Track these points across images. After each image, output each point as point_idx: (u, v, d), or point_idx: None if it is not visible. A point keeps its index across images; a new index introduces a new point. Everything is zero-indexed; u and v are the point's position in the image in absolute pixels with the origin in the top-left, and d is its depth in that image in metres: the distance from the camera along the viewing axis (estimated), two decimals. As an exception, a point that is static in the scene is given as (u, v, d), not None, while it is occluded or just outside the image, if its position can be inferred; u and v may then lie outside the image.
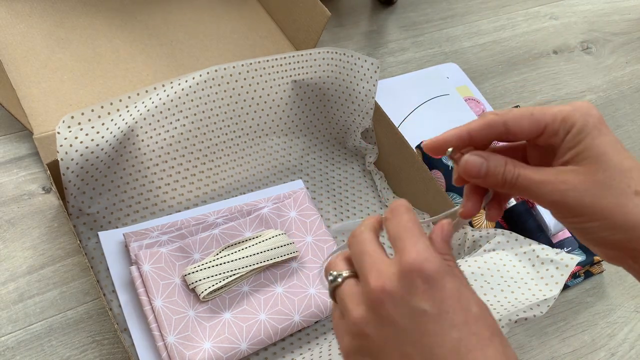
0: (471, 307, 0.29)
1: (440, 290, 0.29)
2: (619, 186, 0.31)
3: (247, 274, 0.57)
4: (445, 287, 0.29)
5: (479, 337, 0.28)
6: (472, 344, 0.28)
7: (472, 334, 0.28)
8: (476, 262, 0.58)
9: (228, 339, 0.53)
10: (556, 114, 0.33)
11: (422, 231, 0.31)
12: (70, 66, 0.70)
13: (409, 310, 0.29)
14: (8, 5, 0.73)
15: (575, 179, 0.31)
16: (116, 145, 0.57)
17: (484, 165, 0.33)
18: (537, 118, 0.33)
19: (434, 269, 0.29)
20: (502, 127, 0.33)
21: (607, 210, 0.31)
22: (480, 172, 0.33)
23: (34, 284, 0.55)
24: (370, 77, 0.69)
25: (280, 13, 0.82)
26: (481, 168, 0.33)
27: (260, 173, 0.68)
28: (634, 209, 0.31)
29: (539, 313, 0.53)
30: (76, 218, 0.58)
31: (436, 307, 0.28)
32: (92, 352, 0.52)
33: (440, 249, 0.32)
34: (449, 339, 0.28)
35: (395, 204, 0.33)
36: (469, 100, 0.86)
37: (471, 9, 1.02)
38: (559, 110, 0.33)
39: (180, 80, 0.61)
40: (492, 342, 0.28)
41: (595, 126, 0.32)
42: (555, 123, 0.32)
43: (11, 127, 0.65)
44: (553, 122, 0.33)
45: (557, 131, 0.33)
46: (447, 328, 0.28)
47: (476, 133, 0.34)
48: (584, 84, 0.95)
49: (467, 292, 0.30)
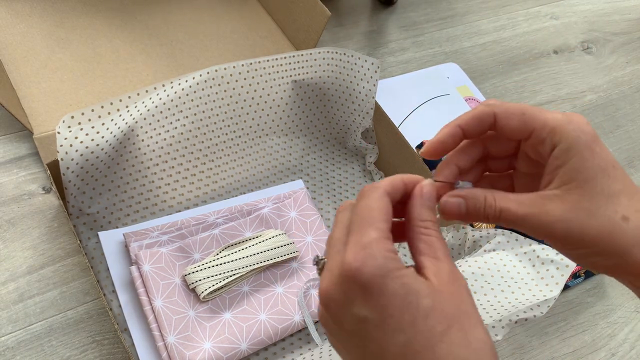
0: (421, 302, 0.27)
1: (380, 295, 0.27)
2: (606, 213, 0.30)
3: (247, 274, 0.57)
4: (386, 291, 0.27)
5: (430, 335, 0.27)
6: (420, 344, 0.27)
7: (420, 334, 0.27)
8: (476, 262, 0.58)
9: (228, 339, 0.53)
10: (546, 121, 0.31)
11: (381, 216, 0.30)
12: (70, 66, 0.70)
13: (351, 317, 0.28)
14: (8, 5, 0.73)
15: (559, 208, 0.30)
16: (116, 145, 0.57)
17: (463, 205, 0.32)
18: (526, 119, 0.32)
19: (371, 274, 0.27)
20: (492, 118, 0.33)
21: (595, 239, 0.30)
22: (460, 212, 0.33)
23: (34, 284, 0.55)
24: (370, 77, 0.69)
25: (280, 13, 0.82)
26: (460, 208, 0.32)
27: (260, 173, 0.68)
28: (622, 235, 0.30)
29: (540, 313, 0.53)
30: (76, 218, 0.58)
31: (377, 313, 0.27)
32: (92, 352, 0.52)
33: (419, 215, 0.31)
34: (394, 343, 0.27)
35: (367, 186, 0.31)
36: (470, 100, 0.86)
37: (471, 8, 1.02)
38: (551, 118, 0.31)
39: (180, 80, 0.61)
40: (446, 336, 0.27)
41: (587, 145, 0.30)
42: (544, 131, 0.31)
43: (11, 127, 0.65)
44: (542, 128, 0.31)
45: (544, 140, 0.31)
46: (391, 333, 0.27)
47: (467, 127, 0.33)
48: (585, 84, 0.95)
49: (415, 286, 0.28)
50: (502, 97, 0.89)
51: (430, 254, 0.30)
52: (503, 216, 0.31)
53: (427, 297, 0.27)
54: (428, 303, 0.27)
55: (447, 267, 0.29)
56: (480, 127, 0.33)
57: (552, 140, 0.31)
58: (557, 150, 0.31)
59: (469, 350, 0.27)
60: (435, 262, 0.29)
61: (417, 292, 0.27)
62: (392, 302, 0.27)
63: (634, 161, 0.86)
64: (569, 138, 0.30)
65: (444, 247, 0.30)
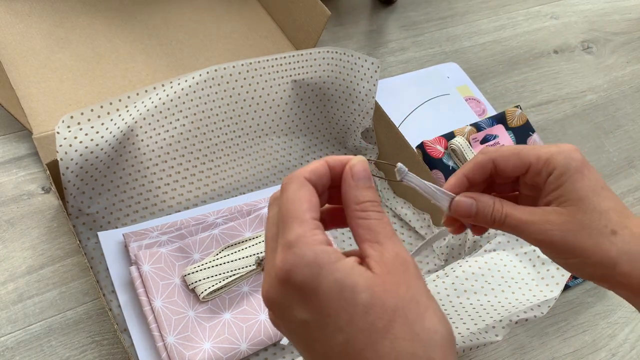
0: (357, 297, 0.26)
1: (315, 296, 0.26)
2: (597, 226, 0.33)
3: (247, 274, 0.57)
4: (320, 290, 0.26)
5: (370, 332, 0.26)
6: (361, 342, 0.26)
7: (360, 332, 0.26)
8: (476, 262, 0.58)
9: (228, 339, 0.52)
10: (540, 155, 0.35)
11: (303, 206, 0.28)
12: (69, 66, 0.70)
13: (292, 320, 0.28)
14: (7, 5, 0.73)
15: (558, 219, 0.34)
16: (116, 145, 0.57)
17: (474, 206, 0.36)
18: (522, 157, 0.36)
19: (302, 276, 0.26)
20: (492, 164, 0.37)
21: (587, 249, 0.33)
22: (470, 212, 0.36)
23: (33, 284, 0.55)
24: (370, 77, 0.69)
25: (280, 13, 0.82)
26: (471, 208, 0.36)
27: (260, 173, 0.68)
28: (611, 247, 0.33)
29: (540, 314, 0.53)
30: (75, 218, 0.58)
31: (315, 314, 0.26)
32: (92, 353, 0.52)
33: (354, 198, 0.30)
34: (335, 343, 0.26)
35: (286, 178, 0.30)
36: (470, 100, 0.86)
37: (471, 8, 1.02)
38: (543, 152, 0.35)
39: (180, 80, 0.61)
40: (389, 331, 0.26)
41: (577, 170, 0.34)
42: (539, 164, 0.35)
43: (10, 127, 0.65)
44: (537, 162, 0.35)
45: (540, 171, 0.35)
46: (330, 333, 0.26)
47: (472, 176, 0.37)
48: (585, 84, 0.95)
49: (349, 280, 0.26)
50: (502, 97, 0.89)
51: (372, 239, 0.28)
52: (507, 221, 0.35)
53: (364, 292, 0.26)
54: (365, 298, 0.26)
55: (390, 251, 0.28)
56: (483, 174, 0.37)
57: (547, 170, 0.35)
58: (552, 177, 0.35)
59: (414, 343, 0.26)
60: (377, 248, 0.28)
61: (353, 287, 0.26)
62: (327, 302, 0.26)
63: (634, 161, 0.86)
64: (561, 165, 0.35)
65: (385, 229, 0.29)
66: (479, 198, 0.36)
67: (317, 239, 0.27)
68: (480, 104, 0.86)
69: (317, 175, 0.30)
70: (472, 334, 0.51)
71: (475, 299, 0.54)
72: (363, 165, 0.30)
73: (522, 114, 0.79)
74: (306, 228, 0.27)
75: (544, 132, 0.86)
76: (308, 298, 0.26)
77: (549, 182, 0.35)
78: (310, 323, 0.27)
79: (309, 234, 0.27)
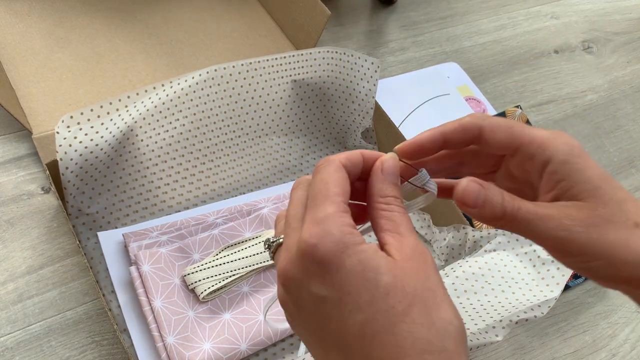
0: (380, 278, 0.26)
1: (337, 272, 0.26)
2: (620, 220, 0.29)
3: (247, 274, 0.57)
4: (343, 268, 0.26)
5: (389, 314, 0.25)
6: (379, 324, 0.25)
7: (379, 313, 0.26)
8: (477, 262, 0.58)
9: (228, 339, 0.52)
10: (534, 137, 0.30)
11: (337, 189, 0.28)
12: (69, 65, 0.70)
13: (309, 296, 0.27)
14: (7, 5, 0.73)
15: (579, 214, 0.29)
16: (115, 146, 0.57)
17: (482, 194, 0.30)
18: (514, 133, 0.31)
19: (328, 251, 0.26)
20: (477, 131, 0.32)
21: (612, 247, 0.29)
22: (477, 201, 0.30)
23: (33, 285, 0.55)
24: (370, 77, 0.69)
25: (280, 12, 0.82)
26: (479, 196, 0.30)
27: (260, 173, 0.68)
28: (637, 242, 0.29)
29: (540, 314, 0.53)
30: (75, 218, 0.58)
31: (335, 291, 0.26)
32: (92, 353, 0.52)
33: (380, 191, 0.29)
34: (352, 322, 0.26)
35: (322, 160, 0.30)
36: (470, 100, 0.86)
37: (471, 8, 1.02)
38: (538, 134, 0.31)
39: (180, 80, 0.60)
40: (407, 315, 0.26)
41: (581, 156, 0.30)
42: (532, 146, 0.30)
43: (10, 127, 0.65)
44: (530, 143, 0.30)
45: (533, 155, 0.30)
46: (348, 312, 0.26)
47: (450, 135, 0.32)
48: (585, 84, 0.95)
49: (373, 262, 0.26)
50: (502, 97, 0.89)
51: (393, 229, 0.28)
52: (521, 213, 0.29)
53: (386, 274, 0.26)
54: (388, 280, 0.26)
55: (411, 242, 0.28)
56: (463, 137, 0.32)
57: (543, 155, 0.30)
58: (553, 165, 0.30)
59: (431, 330, 0.25)
60: (397, 238, 0.28)
61: (376, 269, 0.26)
62: (349, 279, 0.26)
63: (635, 161, 0.86)
64: (562, 151, 0.30)
65: (406, 222, 0.29)
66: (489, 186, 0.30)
67: (346, 221, 0.27)
68: (481, 104, 0.86)
69: (352, 163, 0.30)
70: (473, 334, 0.51)
71: (475, 299, 0.54)
72: (394, 162, 0.31)
73: (522, 113, 0.79)
74: (337, 209, 0.28)
75: (544, 132, 0.86)
76: (330, 274, 0.26)
77: (549, 171, 0.30)
78: (327, 299, 0.26)
79: (339, 215, 0.27)
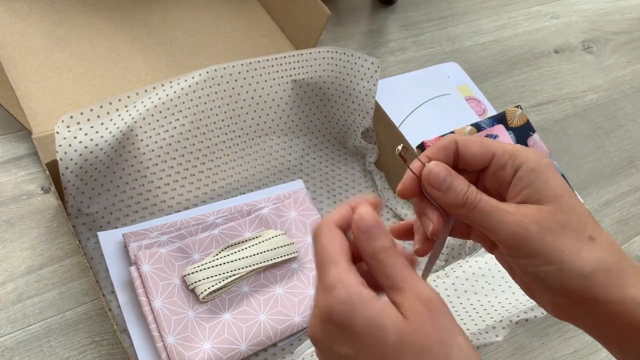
0: (387, 338, 0.28)
1: (352, 332, 0.28)
2: (577, 229, 0.30)
3: (247, 274, 0.57)
4: (355, 328, 0.28)
5: None
6: None
7: None
8: (477, 262, 0.58)
9: (228, 339, 0.52)
10: (505, 148, 0.33)
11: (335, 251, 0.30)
12: (69, 65, 0.70)
13: (335, 356, 0.30)
14: (7, 5, 0.73)
15: (537, 214, 0.30)
16: (115, 146, 0.57)
17: (449, 179, 0.32)
18: (486, 144, 0.33)
19: (339, 314, 0.28)
20: (455, 146, 0.34)
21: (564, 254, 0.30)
22: (442, 185, 0.32)
23: (32, 285, 0.55)
24: (370, 77, 0.69)
25: (280, 12, 0.82)
26: (445, 180, 0.32)
27: (260, 173, 0.68)
28: (589, 254, 0.30)
29: (540, 314, 0.53)
30: (75, 218, 0.58)
31: (353, 349, 0.28)
32: (91, 353, 0.52)
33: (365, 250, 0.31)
34: None
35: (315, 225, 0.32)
36: (470, 99, 0.86)
37: (472, 8, 1.02)
38: (509, 146, 0.33)
39: (180, 80, 0.60)
40: None
41: (549, 167, 0.31)
42: (504, 156, 0.32)
43: (10, 127, 0.65)
44: (502, 154, 0.32)
45: (505, 165, 0.32)
46: None
47: (434, 157, 0.34)
48: (585, 84, 0.95)
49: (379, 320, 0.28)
50: (502, 97, 0.89)
51: (393, 286, 0.30)
52: (480, 205, 0.31)
53: (393, 334, 0.28)
54: (395, 339, 0.28)
55: (412, 295, 0.29)
56: (445, 157, 0.34)
57: (514, 163, 0.32)
58: (521, 172, 0.32)
59: None
60: (399, 294, 0.29)
61: (382, 328, 0.28)
62: (362, 338, 0.28)
63: (635, 161, 0.86)
64: (532, 160, 0.32)
65: (404, 272, 0.30)
66: (456, 175, 0.32)
67: (352, 281, 0.29)
68: (481, 104, 0.86)
69: (344, 220, 0.32)
70: (473, 334, 0.51)
71: (475, 299, 0.54)
72: (368, 214, 0.31)
73: (522, 113, 0.79)
74: (341, 270, 0.30)
75: (545, 132, 0.86)
76: (346, 335, 0.29)
77: (517, 178, 0.32)
78: (350, 357, 0.29)
79: (344, 276, 0.29)
